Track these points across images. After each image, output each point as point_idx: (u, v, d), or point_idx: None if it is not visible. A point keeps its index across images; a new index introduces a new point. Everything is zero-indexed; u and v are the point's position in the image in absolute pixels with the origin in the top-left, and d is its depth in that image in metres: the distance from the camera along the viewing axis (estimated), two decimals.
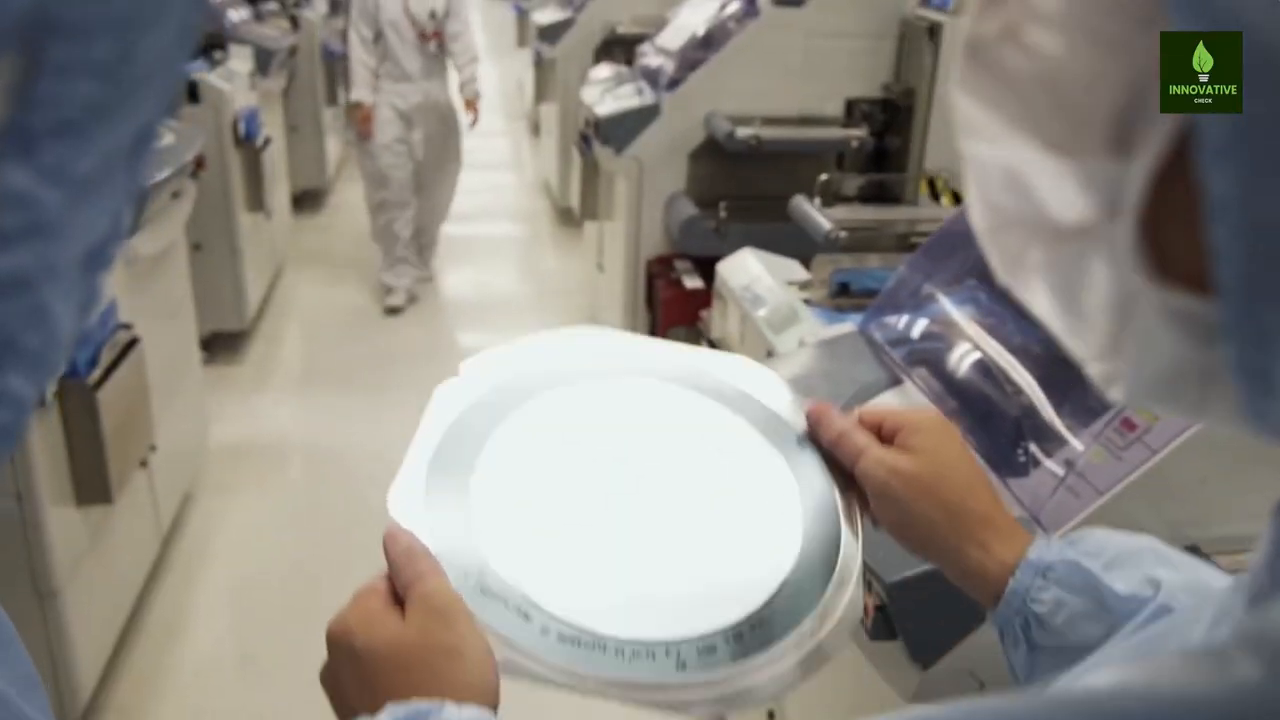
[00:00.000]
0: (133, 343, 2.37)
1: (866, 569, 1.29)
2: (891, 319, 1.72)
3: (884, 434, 0.71)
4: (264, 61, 4.43)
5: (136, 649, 2.55)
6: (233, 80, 3.86)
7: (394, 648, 0.56)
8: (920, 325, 1.68)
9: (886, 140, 3.10)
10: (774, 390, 0.80)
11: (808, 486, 0.74)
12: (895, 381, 1.63)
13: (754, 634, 0.67)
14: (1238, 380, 0.27)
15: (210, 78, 3.70)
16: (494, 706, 0.56)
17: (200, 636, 2.63)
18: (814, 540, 0.72)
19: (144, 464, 2.50)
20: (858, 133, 3.11)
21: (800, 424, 0.76)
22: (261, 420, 3.73)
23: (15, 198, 0.20)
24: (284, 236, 4.92)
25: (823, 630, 0.69)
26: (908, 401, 1.60)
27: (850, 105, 3.19)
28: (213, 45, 3.97)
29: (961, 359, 1.55)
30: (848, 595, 0.71)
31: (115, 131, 0.22)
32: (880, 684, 1.33)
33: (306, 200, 5.96)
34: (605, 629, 0.65)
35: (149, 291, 2.69)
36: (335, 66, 5.92)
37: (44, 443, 2.03)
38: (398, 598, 0.60)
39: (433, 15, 4.41)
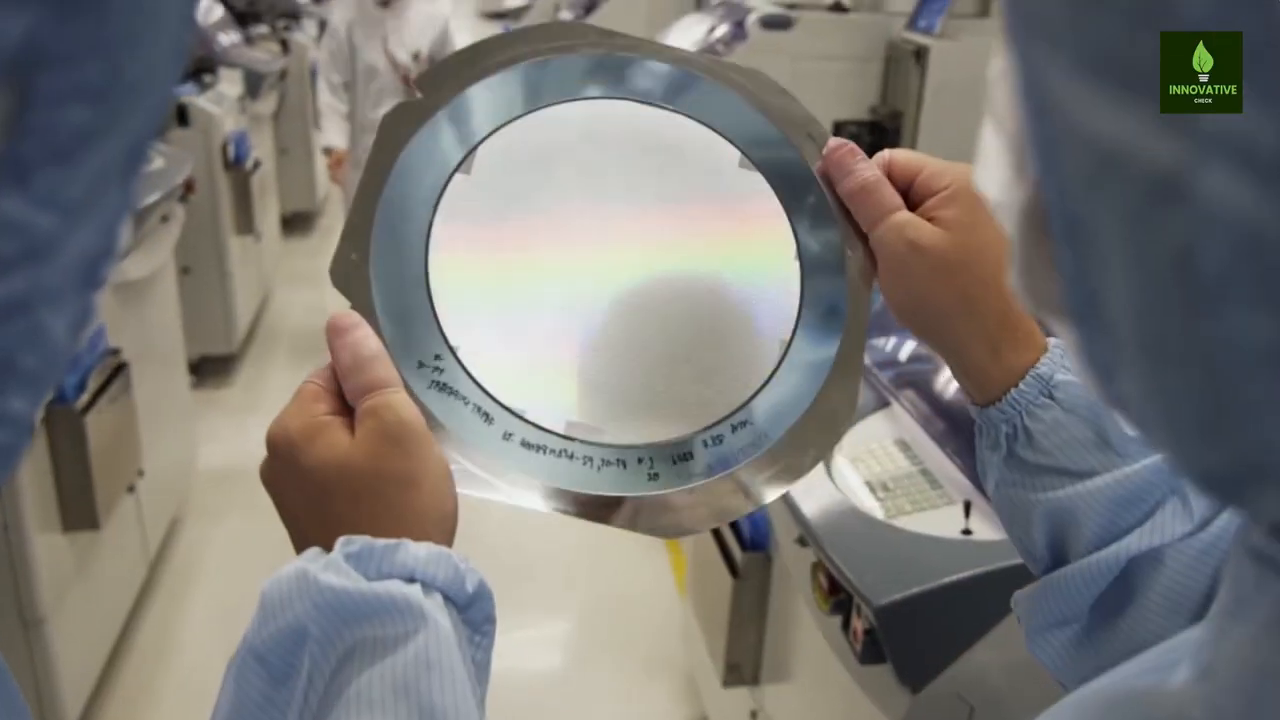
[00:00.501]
0: (121, 367, 2.37)
1: (856, 593, 1.29)
2: (879, 341, 1.73)
3: (914, 193, 0.59)
4: (254, 85, 4.44)
5: (123, 675, 2.53)
6: (222, 104, 3.87)
7: (343, 472, 0.51)
8: (908, 347, 1.68)
9: None
10: (783, 112, 0.63)
11: (812, 246, 0.61)
12: (883, 404, 1.63)
13: (735, 437, 0.58)
14: (1109, 406, 0.27)
15: (200, 101, 3.71)
16: (450, 536, 0.53)
17: (188, 662, 2.61)
18: (813, 316, 0.60)
19: (131, 489, 2.48)
20: None
21: (814, 162, 0.62)
22: (251, 444, 3.72)
23: (11, 226, 0.20)
24: (273, 259, 4.91)
25: (811, 433, 0.59)
26: (896, 427, 1.61)
27: (838, 127, 3.21)
28: (202, 69, 3.97)
29: (949, 381, 1.55)
30: (845, 389, 0.60)
31: (107, 152, 0.22)
32: (870, 708, 1.33)
33: (296, 223, 5.96)
34: (572, 431, 0.57)
35: (137, 315, 2.68)
36: None
37: (31, 469, 2.02)
38: (344, 402, 0.54)
39: (416, 57, 3.93)
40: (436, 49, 3.96)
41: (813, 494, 1.43)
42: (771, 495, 0.59)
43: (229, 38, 4.58)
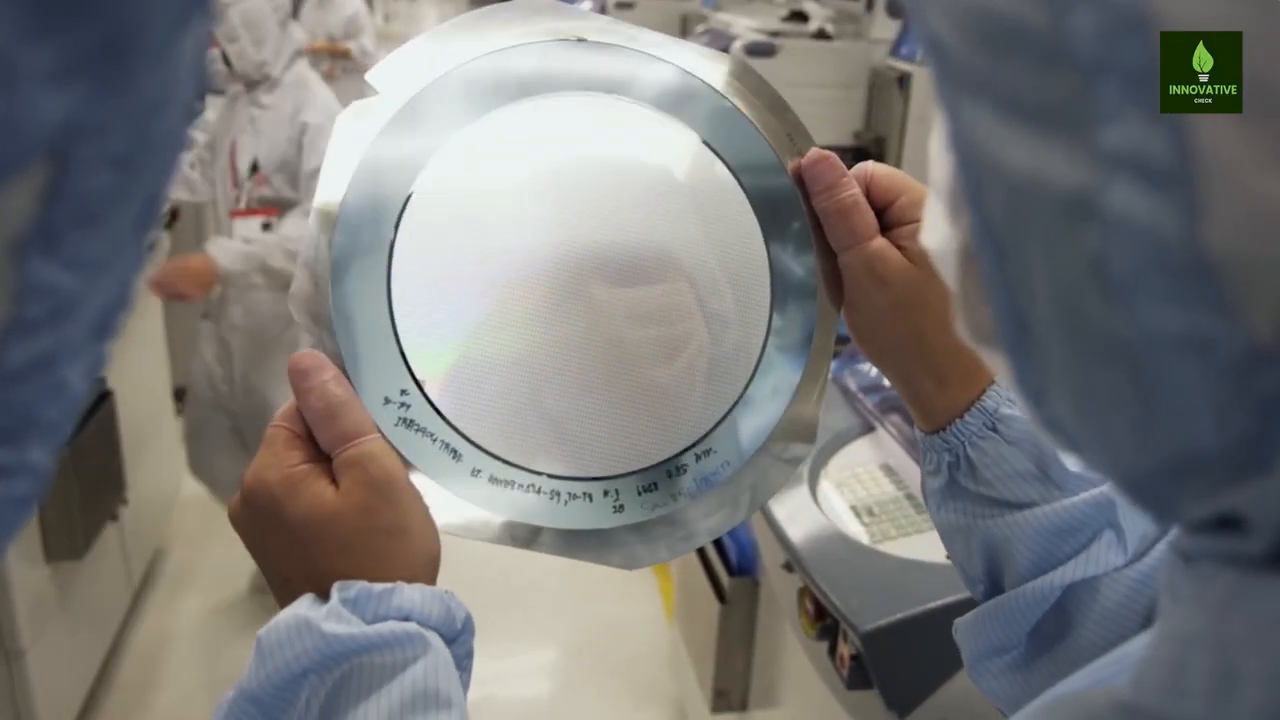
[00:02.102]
0: (105, 395, 2.35)
1: (842, 619, 1.29)
2: (864, 366, 1.73)
3: (890, 216, 0.59)
4: None
5: (106, 707, 2.50)
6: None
7: (332, 525, 0.51)
8: None
9: None
10: (769, 126, 0.61)
11: (795, 271, 0.59)
12: (868, 429, 1.64)
13: (699, 465, 0.58)
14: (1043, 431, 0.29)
15: None
16: (435, 576, 0.53)
17: (172, 693, 2.58)
18: (784, 341, 0.59)
19: (115, 518, 2.46)
20: None
21: (788, 164, 0.61)
22: None
23: (41, 289, 0.21)
24: None
25: (780, 452, 0.59)
26: (881, 452, 1.61)
27: None
28: None
29: None
30: (812, 403, 0.60)
31: (127, 213, 0.23)
32: None
33: None
34: (539, 465, 0.56)
35: (122, 343, 2.67)
36: None
37: None
38: (317, 446, 0.53)
39: (254, 170, 2.52)
40: (282, 162, 2.50)
41: (798, 519, 1.43)
42: (734, 522, 0.59)
43: (215, 67, 4.58)
